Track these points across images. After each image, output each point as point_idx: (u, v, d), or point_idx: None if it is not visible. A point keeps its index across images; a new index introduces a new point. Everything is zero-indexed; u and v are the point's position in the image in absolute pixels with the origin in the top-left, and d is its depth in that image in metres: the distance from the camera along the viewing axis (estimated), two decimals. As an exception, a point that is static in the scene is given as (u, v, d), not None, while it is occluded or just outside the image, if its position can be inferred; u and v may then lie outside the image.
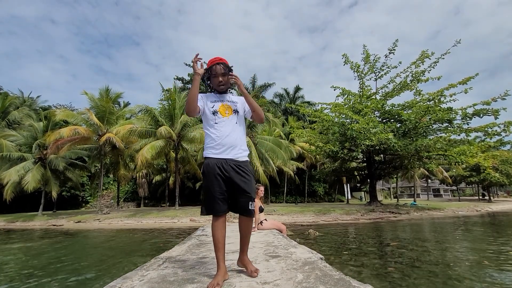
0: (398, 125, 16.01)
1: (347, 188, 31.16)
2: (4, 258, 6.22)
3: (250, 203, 1.85)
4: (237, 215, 1.91)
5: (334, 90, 17.35)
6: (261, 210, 4.87)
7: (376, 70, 16.87)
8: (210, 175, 1.84)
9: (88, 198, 29.00)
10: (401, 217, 14.28)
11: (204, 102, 1.97)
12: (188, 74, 33.96)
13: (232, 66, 2.02)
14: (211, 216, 1.85)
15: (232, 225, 5.63)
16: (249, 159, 2.02)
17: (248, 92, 2.43)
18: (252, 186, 1.90)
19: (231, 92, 2.15)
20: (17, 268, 5.09)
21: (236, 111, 1.98)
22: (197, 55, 1.90)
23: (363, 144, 14.00)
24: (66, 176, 20.44)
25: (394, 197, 44.52)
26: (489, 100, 13.62)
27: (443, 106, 14.47)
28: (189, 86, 33.33)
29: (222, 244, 1.81)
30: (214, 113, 1.93)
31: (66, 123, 19.81)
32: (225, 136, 1.88)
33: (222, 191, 1.83)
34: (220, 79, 1.94)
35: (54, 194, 18.29)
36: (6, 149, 18.62)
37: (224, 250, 1.82)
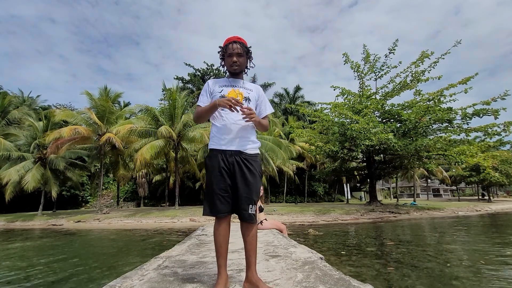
0: (398, 125, 16.02)
1: (347, 188, 31.17)
2: (4, 258, 6.21)
3: (250, 206, 1.61)
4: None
5: (334, 90, 17.38)
6: (261, 210, 4.86)
7: (376, 70, 16.89)
8: (213, 169, 1.62)
9: (88, 197, 28.99)
10: (401, 217, 14.29)
11: (210, 92, 1.76)
12: (188, 74, 33.94)
13: (250, 47, 1.78)
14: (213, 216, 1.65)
15: (232, 225, 5.62)
16: (259, 153, 1.80)
17: None
18: (256, 186, 1.65)
19: (245, 73, 1.88)
20: (16, 268, 5.08)
21: (248, 99, 1.74)
22: (237, 101, 1.57)
23: (363, 144, 14.00)
24: (66, 176, 20.43)
25: (394, 197, 44.53)
26: (488, 100, 13.62)
27: (443, 106, 14.48)
28: (189, 85, 33.29)
29: (224, 250, 1.61)
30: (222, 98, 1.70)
31: (65, 123, 19.80)
32: (232, 124, 1.67)
33: (226, 188, 1.61)
34: (235, 59, 1.71)
35: (54, 193, 18.27)
36: (5, 149, 18.60)
37: (226, 256, 1.62)
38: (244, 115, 1.59)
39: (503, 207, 23.34)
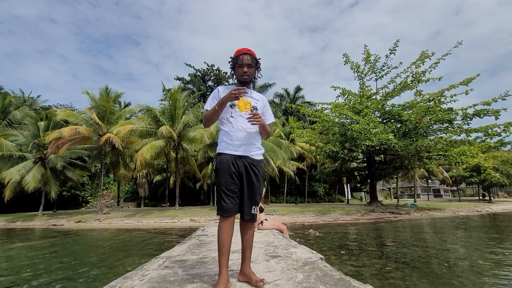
0: (399, 125, 16.00)
1: (347, 188, 31.15)
2: (5, 257, 6.22)
3: (254, 207, 1.77)
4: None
5: (335, 90, 17.37)
6: (261, 210, 4.86)
7: (376, 70, 16.88)
8: (224, 172, 1.72)
9: (88, 198, 29.01)
10: (401, 218, 14.27)
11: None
12: (189, 74, 33.97)
13: (259, 59, 1.91)
14: (219, 216, 1.74)
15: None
16: (263, 158, 1.92)
17: None
18: (260, 189, 1.80)
19: (253, 82, 1.99)
20: (17, 268, 5.09)
21: (255, 108, 1.87)
22: (240, 89, 1.70)
23: (363, 144, 13.99)
24: (66, 176, 20.45)
25: (394, 198, 44.49)
26: (489, 101, 13.61)
27: (444, 106, 14.46)
28: (189, 86, 33.30)
29: (227, 249, 1.67)
30: (232, 106, 1.82)
31: (66, 123, 19.82)
32: (241, 131, 1.79)
33: (235, 189, 1.73)
34: (246, 69, 1.83)
35: (53, 194, 18.26)
36: (6, 149, 18.62)
37: (228, 255, 1.68)
38: (251, 119, 1.73)
39: (503, 208, 23.31)
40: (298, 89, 35.74)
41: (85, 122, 17.67)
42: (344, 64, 17.41)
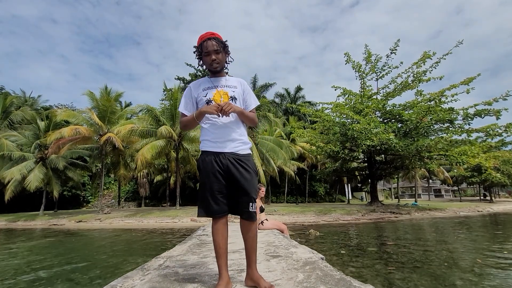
0: (399, 125, 15.99)
1: (348, 188, 31.13)
2: (5, 257, 6.23)
3: (251, 204, 1.61)
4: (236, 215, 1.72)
5: (335, 90, 17.36)
6: (262, 210, 4.86)
7: (377, 70, 16.85)
8: (206, 171, 1.62)
9: (89, 197, 29.08)
10: (402, 217, 14.25)
11: (195, 98, 1.75)
12: (189, 74, 33.95)
13: (226, 41, 1.72)
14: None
15: (232, 225, 5.62)
16: (251, 152, 1.78)
17: None
18: (254, 183, 1.66)
19: (226, 72, 1.81)
20: (18, 268, 5.10)
21: (233, 98, 1.70)
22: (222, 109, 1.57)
23: (364, 144, 13.98)
24: (67, 176, 20.51)
25: (395, 197, 44.43)
26: (490, 101, 13.58)
27: (444, 106, 14.43)
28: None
29: (224, 250, 1.60)
30: (208, 102, 1.67)
31: (67, 122, 19.87)
32: (222, 127, 1.66)
33: (221, 189, 1.61)
34: (213, 57, 1.66)
35: (56, 193, 18.34)
36: (7, 149, 18.66)
37: (226, 256, 1.61)
38: (220, 113, 1.56)
39: (504, 208, 23.27)
40: (298, 89, 35.76)
41: (86, 122, 17.70)
42: (345, 64, 17.41)
